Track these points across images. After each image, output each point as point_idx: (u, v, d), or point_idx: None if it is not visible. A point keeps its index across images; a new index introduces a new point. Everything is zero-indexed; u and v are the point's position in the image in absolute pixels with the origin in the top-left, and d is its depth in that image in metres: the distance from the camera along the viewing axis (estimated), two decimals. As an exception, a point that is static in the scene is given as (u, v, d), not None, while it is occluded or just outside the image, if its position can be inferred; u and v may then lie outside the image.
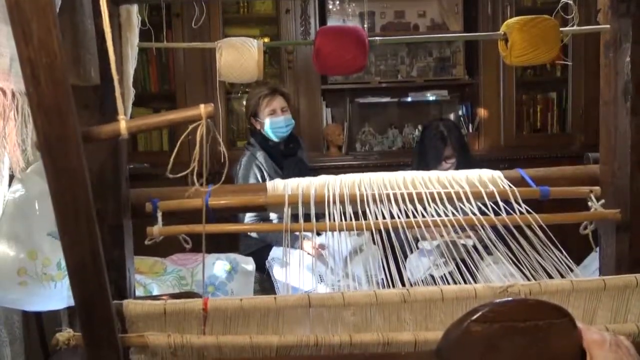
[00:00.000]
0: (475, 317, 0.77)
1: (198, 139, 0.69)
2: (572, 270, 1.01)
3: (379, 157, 3.62)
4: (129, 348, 0.83)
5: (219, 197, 1.17)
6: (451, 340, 0.79)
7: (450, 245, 1.08)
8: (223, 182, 1.25)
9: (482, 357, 0.79)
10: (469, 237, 1.19)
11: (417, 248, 1.12)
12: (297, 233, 1.15)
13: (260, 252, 2.65)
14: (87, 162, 0.69)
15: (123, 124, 0.69)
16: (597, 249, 1.28)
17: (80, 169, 0.65)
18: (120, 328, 0.82)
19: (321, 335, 0.81)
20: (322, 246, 2.47)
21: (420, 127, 3.69)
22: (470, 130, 3.75)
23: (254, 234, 2.74)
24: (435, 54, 3.74)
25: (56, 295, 1.77)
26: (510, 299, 0.79)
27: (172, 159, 0.74)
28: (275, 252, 2.65)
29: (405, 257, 1.11)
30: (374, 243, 1.12)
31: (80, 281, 0.71)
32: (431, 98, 3.82)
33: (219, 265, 2.32)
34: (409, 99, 3.82)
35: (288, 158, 2.87)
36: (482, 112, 3.68)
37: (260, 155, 2.81)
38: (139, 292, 2.05)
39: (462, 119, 3.80)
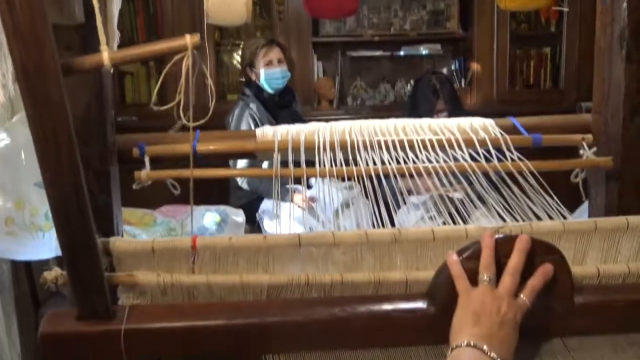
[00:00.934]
0: (465, 254, 0.77)
1: (184, 71, 0.67)
2: (564, 218, 1.01)
3: (371, 112, 3.59)
4: (117, 287, 0.82)
5: (208, 143, 1.16)
6: (442, 280, 0.79)
7: (439, 199, 1.08)
8: (212, 128, 1.24)
9: None
10: (457, 190, 1.18)
11: (405, 203, 1.11)
12: (288, 186, 1.14)
13: (250, 204, 2.65)
14: (70, 105, 0.67)
15: (106, 55, 0.67)
16: (587, 202, 1.28)
17: (60, 101, 0.63)
18: (108, 267, 0.81)
19: (312, 274, 0.80)
20: (312, 199, 2.47)
21: (412, 82, 3.66)
22: (463, 85, 3.73)
23: (244, 186, 2.73)
24: (429, 6, 3.68)
25: (45, 244, 1.77)
26: (500, 235, 0.79)
27: (156, 90, 0.71)
28: (266, 204, 2.65)
29: (396, 210, 1.10)
30: (365, 197, 1.11)
31: (64, 218, 0.70)
32: (424, 52, 3.77)
33: (208, 217, 2.32)
34: (402, 53, 3.77)
35: (282, 110, 2.85)
36: (475, 67, 3.65)
37: (254, 106, 2.78)
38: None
39: (455, 73, 3.77)
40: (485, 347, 0.71)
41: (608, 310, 0.84)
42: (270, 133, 1.19)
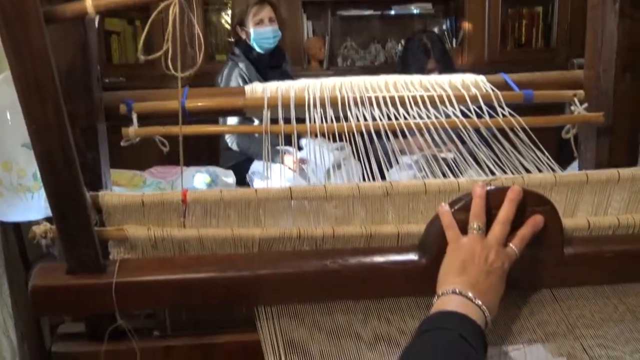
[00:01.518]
0: (457, 206, 0.77)
1: (170, 19, 0.65)
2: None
3: (361, 72, 3.52)
4: (107, 241, 0.82)
5: (196, 99, 1.14)
6: (433, 232, 0.79)
7: (431, 158, 1.07)
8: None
9: None
10: (450, 150, 1.18)
11: (397, 163, 1.10)
12: (278, 147, 1.13)
13: (240, 165, 2.64)
14: (54, 59, 0.65)
15: (89, 1, 0.65)
16: (577, 161, 1.29)
17: (44, 50, 0.61)
18: (98, 221, 0.81)
19: (304, 227, 0.80)
20: (303, 160, 2.46)
21: (403, 42, 3.62)
22: (454, 45, 3.69)
23: (234, 147, 2.71)
24: (420, -36, 3.62)
25: (33, 206, 1.75)
26: (492, 187, 0.79)
27: (142, 40, 0.70)
28: (256, 165, 2.63)
29: (387, 170, 1.09)
30: (356, 157, 1.10)
31: (51, 172, 0.69)
32: (415, 11, 3.72)
33: (199, 177, 2.30)
34: (392, 12, 3.72)
35: (272, 70, 2.81)
36: (466, 26, 3.61)
37: (243, 65, 2.74)
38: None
39: (446, 33, 3.73)
40: (470, 294, 0.72)
41: (598, 261, 0.85)
42: (260, 90, 1.18)
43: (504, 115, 1.12)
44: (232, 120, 2.29)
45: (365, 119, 1.10)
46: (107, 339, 0.84)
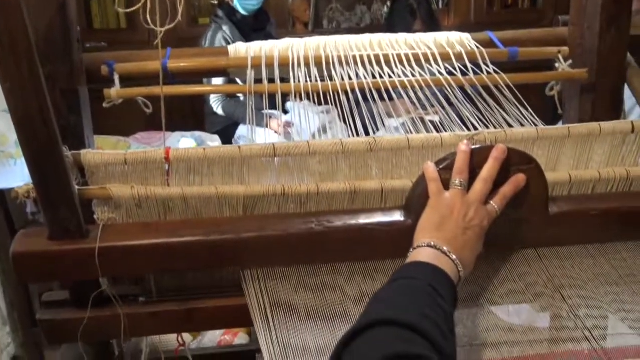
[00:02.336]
0: (442, 165, 0.77)
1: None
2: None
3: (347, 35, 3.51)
4: (91, 201, 0.81)
5: (179, 60, 1.12)
6: (419, 192, 0.79)
7: (417, 121, 1.07)
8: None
9: None
10: (436, 113, 1.17)
11: (384, 126, 1.10)
12: (264, 111, 1.11)
13: (226, 130, 2.63)
14: (32, 20, 0.64)
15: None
16: (561, 121, 1.29)
17: (17, 7, 0.60)
18: (80, 180, 0.80)
19: (288, 185, 0.80)
20: (288, 124, 2.45)
21: (389, 4, 3.58)
22: (441, 6, 3.65)
23: (220, 112, 2.69)
24: None
25: (16, 172, 1.74)
26: (477, 146, 0.79)
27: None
28: (242, 130, 2.62)
29: (373, 134, 1.09)
30: (341, 121, 1.10)
31: (28, 133, 0.67)
32: (401, -28, 3.66)
33: (184, 142, 2.29)
34: (378, -27, 3.66)
35: (256, 33, 2.77)
36: (453, -13, 3.57)
37: (226, 28, 2.70)
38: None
39: (432, -6, 3.69)
40: (445, 248, 0.72)
41: (583, 219, 0.85)
42: (243, 50, 1.16)
43: (488, 73, 1.11)
44: (216, 83, 2.26)
45: (350, 78, 1.09)
46: (92, 305, 0.84)
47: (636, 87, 1.26)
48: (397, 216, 0.82)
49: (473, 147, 0.80)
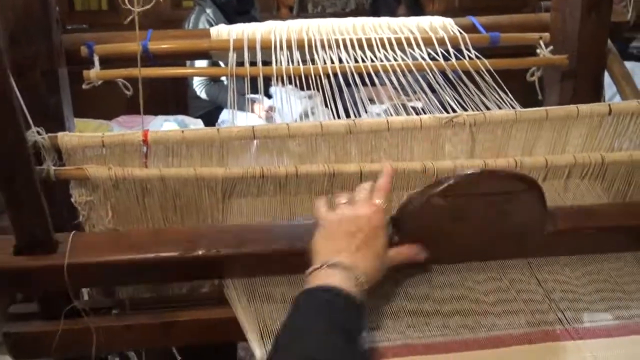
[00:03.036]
0: (437, 190, 0.74)
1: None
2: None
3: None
4: (69, 182, 0.80)
5: (160, 42, 1.11)
6: (410, 210, 0.76)
7: (399, 107, 1.07)
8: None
9: (442, 227, 0.77)
10: (418, 99, 1.18)
11: (366, 112, 1.10)
12: (247, 95, 1.11)
13: (209, 114, 2.61)
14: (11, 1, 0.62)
15: None
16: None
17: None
18: (57, 161, 0.79)
19: (267, 167, 0.80)
20: (271, 108, 2.44)
21: (374, -12, 3.56)
22: (425, -8, 3.65)
23: (203, 96, 2.67)
24: None
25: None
26: (477, 170, 0.75)
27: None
28: (225, 114, 2.61)
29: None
30: (325, 106, 1.10)
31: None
32: (386, -43, 3.64)
33: (167, 126, 2.28)
34: (364, -42, 3.65)
35: (240, 16, 2.74)
36: (438, -28, 3.57)
37: (210, 11, 2.67)
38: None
39: (417, -21, 3.67)
40: (336, 260, 0.70)
41: (577, 237, 0.84)
42: (226, 32, 1.15)
43: (470, 59, 1.12)
44: (199, 65, 2.24)
45: (333, 62, 1.09)
46: (63, 318, 0.80)
47: (616, 73, 1.27)
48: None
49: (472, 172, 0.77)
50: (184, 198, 0.82)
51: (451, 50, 1.14)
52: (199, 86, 2.66)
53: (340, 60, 1.09)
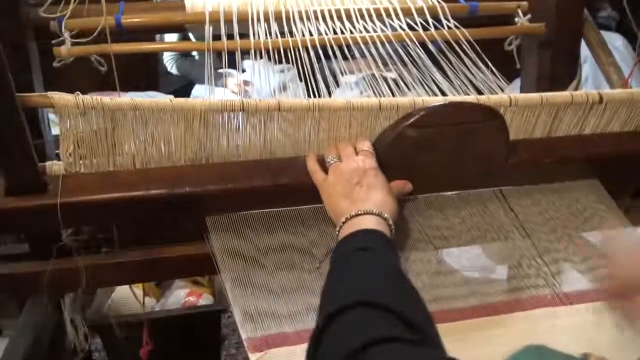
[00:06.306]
0: (409, 121, 0.78)
1: None
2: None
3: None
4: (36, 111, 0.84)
5: (132, 15, 1.08)
6: (384, 144, 0.80)
7: (373, 78, 1.07)
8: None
9: (414, 158, 0.82)
10: (390, 70, 1.17)
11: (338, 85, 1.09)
12: (221, 70, 1.08)
13: (181, 90, 2.56)
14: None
15: None
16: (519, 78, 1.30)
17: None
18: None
19: (247, 100, 0.80)
20: (246, 83, 2.41)
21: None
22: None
23: (174, 71, 2.62)
24: None
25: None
26: (445, 102, 0.80)
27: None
28: (198, 90, 2.56)
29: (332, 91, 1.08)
30: (300, 80, 1.08)
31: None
32: None
33: (139, 103, 2.23)
34: None
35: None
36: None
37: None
38: (55, 131, 1.96)
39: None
40: (360, 210, 0.74)
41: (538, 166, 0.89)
42: (200, 4, 1.12)
43: (449, 28, 1.11)
44: (170, 37, 2.19)
45: (311, 34, 1.08)
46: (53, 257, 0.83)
47: (591, 41, 1.28)
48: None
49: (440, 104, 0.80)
50: (160, 131, 0.80)
51: (430, 20, 1.13)
52: (169, 61, 2.61)
53: (320, 33, 1.08)
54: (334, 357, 0.54)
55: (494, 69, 1.03)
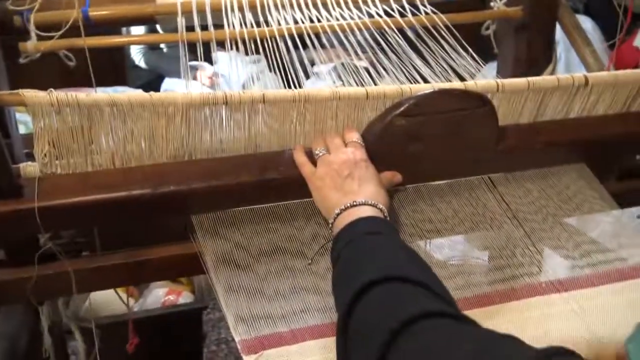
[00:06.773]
0: (399, 110, 0.77)
1: None
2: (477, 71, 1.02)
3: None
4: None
5: (100, 8, 1.04)
6: (373, 134, 0.79)
7: (344, 67, 1.05)
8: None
9: (404, 148, 0.81)
10: (361, 59, 1.16)
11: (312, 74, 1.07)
12: (191, 63, 1.05)
13: (150, 84, 2.52)
14: None
15: None
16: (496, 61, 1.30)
17: None
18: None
19: (230, 93, 0.77)
20: (216, 75, 2.37)
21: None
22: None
23: (142, 65, 2.57)
24: None
25: None
26: (434, 90, 0.79)
27: None
28: (167, 83, 2.52)
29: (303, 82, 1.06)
30: (271, 70, 1.06)
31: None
32: None
33: (107, 99, 2.17)
34: None
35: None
36: None
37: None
38: (22, 130, 1.89)
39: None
40: (356, 201, 0.72)
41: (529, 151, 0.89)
42: (172, -6, 1.09)
43: (426, 14, 1.10)
44: (137, 29, 2.13)
45: (287, 23, 1.05)
46: (30, 263, 0.79)
47: (567, 24, 1.28)
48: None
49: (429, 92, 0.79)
50: (140, 128, 0.76)
51: (407, 5, 1.12)
52: (137, 54, 2.55)
53: (296, 21, 1.05)
54: (376, 328, 0.53)
55: (474, 54, 1.02)
